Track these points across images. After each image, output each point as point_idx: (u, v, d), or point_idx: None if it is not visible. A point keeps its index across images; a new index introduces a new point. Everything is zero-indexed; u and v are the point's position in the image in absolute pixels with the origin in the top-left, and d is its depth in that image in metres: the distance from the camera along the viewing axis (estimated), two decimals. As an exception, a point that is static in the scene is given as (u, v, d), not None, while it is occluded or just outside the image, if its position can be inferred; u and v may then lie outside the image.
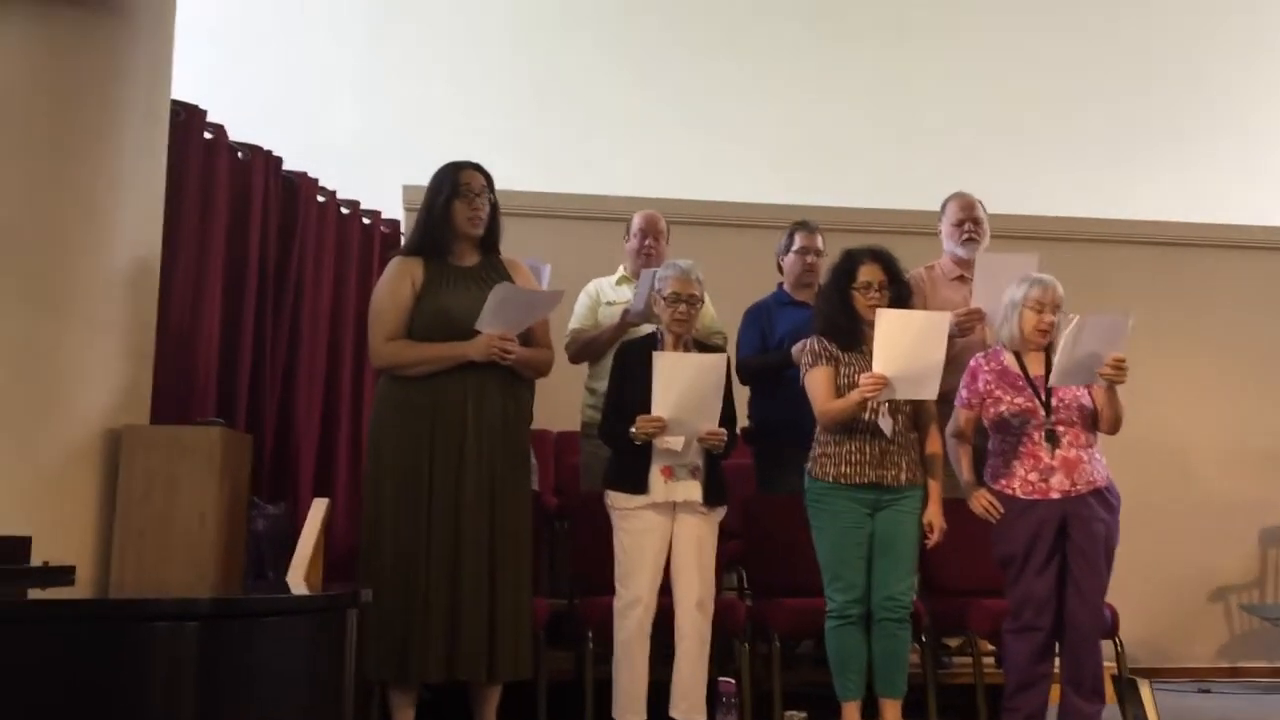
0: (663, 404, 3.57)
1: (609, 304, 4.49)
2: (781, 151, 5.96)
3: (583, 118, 5.95)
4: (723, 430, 3.65)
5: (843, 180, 5.94)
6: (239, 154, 4.51)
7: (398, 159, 5.62)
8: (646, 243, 4.46)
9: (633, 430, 3.62)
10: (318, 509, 3.70)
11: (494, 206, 3.63)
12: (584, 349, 4.43)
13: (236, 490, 3.69)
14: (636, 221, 4.53)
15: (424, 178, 3.71)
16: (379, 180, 5.54)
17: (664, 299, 3.76)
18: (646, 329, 4.08)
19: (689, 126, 5.96)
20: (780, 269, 4.57)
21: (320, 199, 4.94)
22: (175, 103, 4.04)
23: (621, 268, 4.62)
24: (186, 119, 4.20)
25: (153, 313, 3.83)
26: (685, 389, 3.55)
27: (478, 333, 3.47)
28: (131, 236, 3.67)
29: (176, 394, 4.07)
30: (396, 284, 3.56)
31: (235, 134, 4.47)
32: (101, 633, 1.87)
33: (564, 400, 4.72)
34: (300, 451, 4.67)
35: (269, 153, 4.64)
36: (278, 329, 4.66)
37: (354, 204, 5.18)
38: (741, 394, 4.20)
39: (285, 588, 2.88)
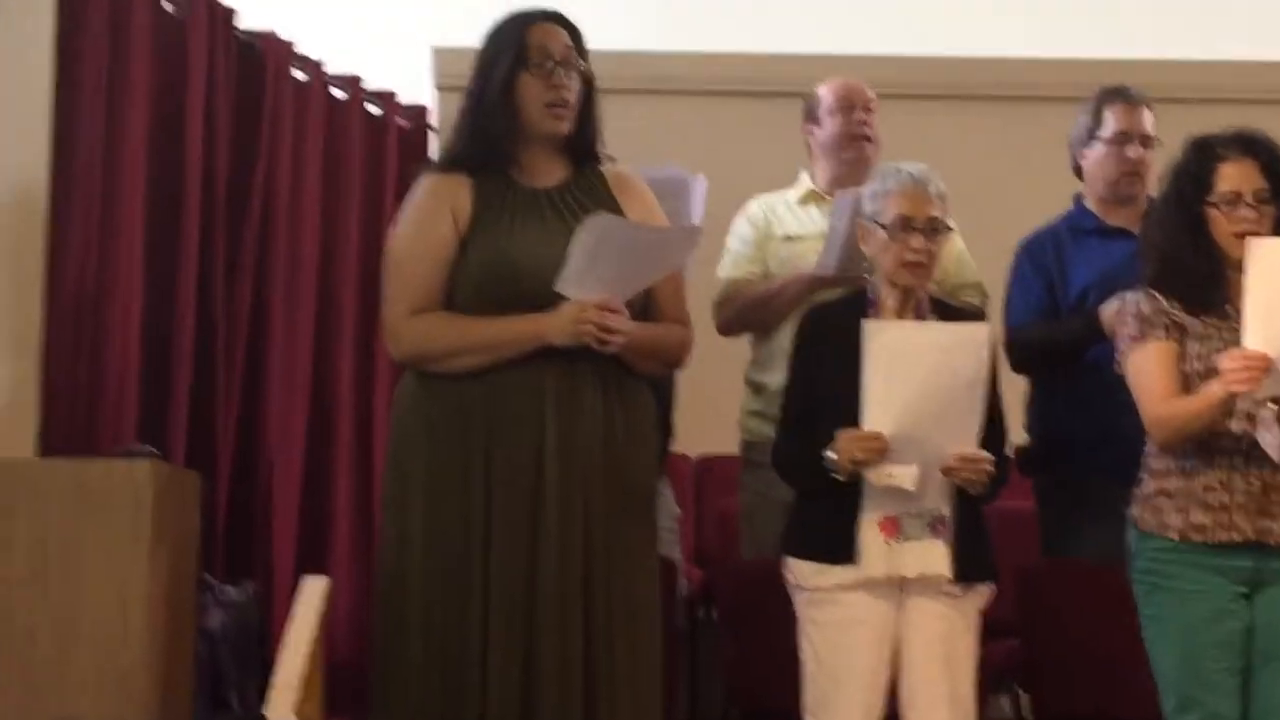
0: (883, 409, 3.63)
1: (787, 238, 4.56)
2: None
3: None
4: (985, 454, 3.68)
5: (1160, 19, 6.24)
6: (168, 4, 4.65)
7: (419, 9, 5.85)
8: (856, 116, 4.54)
9: (831, 454, 3.66)
10: (310, 593, 3.80)
11: (588, 82, 3.69)
12: (744, 316, 4.55)
13: (177, 562, 3.78)
14: (829, 94, 4.60)
15: (465, 37, 3.83)
16: (391, 43, 5.73)
17: (881, 228, 3.80)
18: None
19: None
20: (1078, 170, 4.58)
21: (299, 75, 5.08)
22: None
23: (805, 176, 4.68)
24: None
25: (37, 276, 3.97)
26: (923, 383, 3.63)
27: (561, 299, 3.53)
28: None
29: (77, 407, 4.14)
30: (428, 219, 3.64)
31: None
32: None
33: (709, 404, 4.79)
34: (276, 498, 4.77)
35: (214, 1, 4.76)
36: (234, 295, 4.75)
37: (352, 81, 5.31)
38: (1013, 389, 4.21)
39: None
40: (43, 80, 4.10)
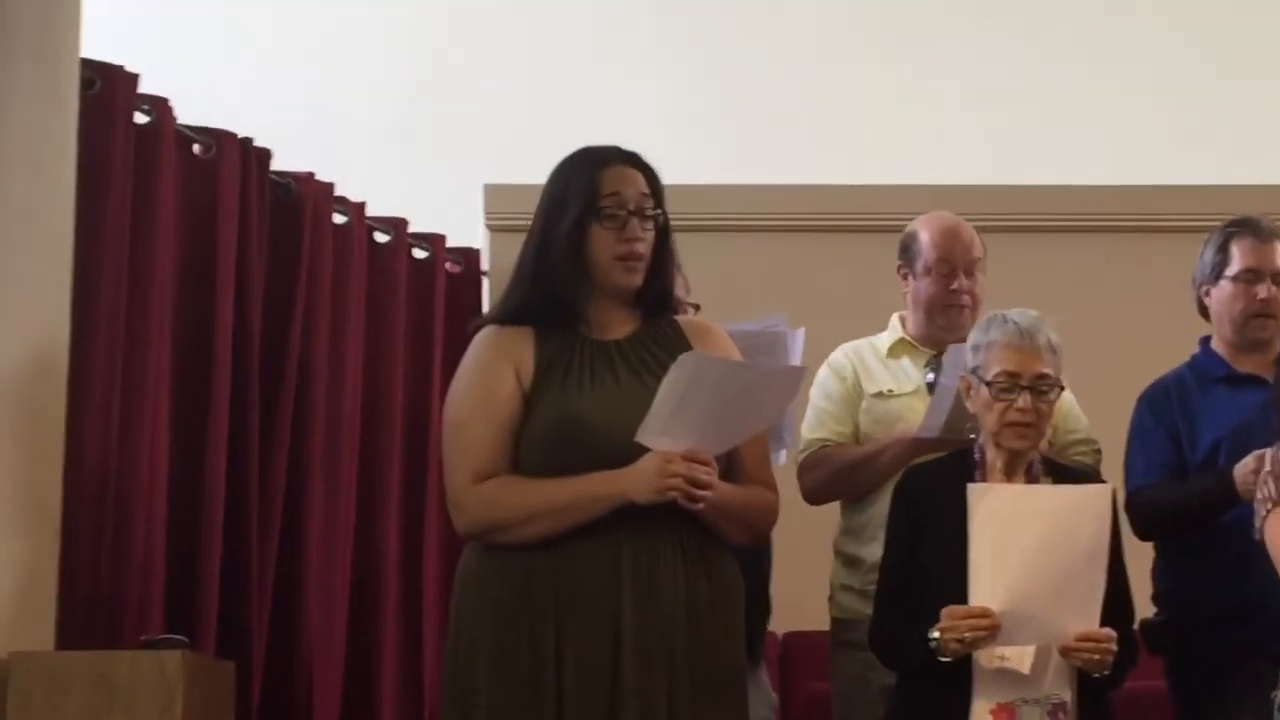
0: (992, 583, 3.58)
1: (879, 394, 4.44)
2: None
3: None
4: (1108, 631, 3.59)
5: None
6: (196, 145, 4.62)
7: (469, 143, 5.88)
8: (955, 284, 4.40)
9: (934, 635, 3.58)
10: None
11: (663, 230, 3.64)
12: (835, 481, 4.42)
13: (213, 766, 3.88)
14: (929, 244, 4.46)
15: (519, 173, 3.87)
16: (439, 180, 5.82)
17: (985, 385, 3.72)
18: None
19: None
20: (1203, 311, 4.42)
21: (339, 218, 5.08)
22: (87, 63, 4.13)
23: (896, 321, 4.56)
24: (105, 89, 4.26)
25: (56, 448, 3.93)
26: (1037, 554, 3.59)
27: (638, 453, 3.44)
28: (17, 307, 3.89)
29: (99, 592, 4.10)
30: (489, 377, 3.59)
31: (191, 114, 4.60)
32: None
33: (793, 576, 4.70)
34: (316, 690, 4.72)
35: (247, 141, 4.74)
36: (268, 464, 4.74)
37: (397, 223, 5.29)
38: (1137, 557, 4.07)
39: None
40: (64, 229, 4.02)
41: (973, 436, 3.82)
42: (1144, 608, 4.14)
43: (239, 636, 4.55)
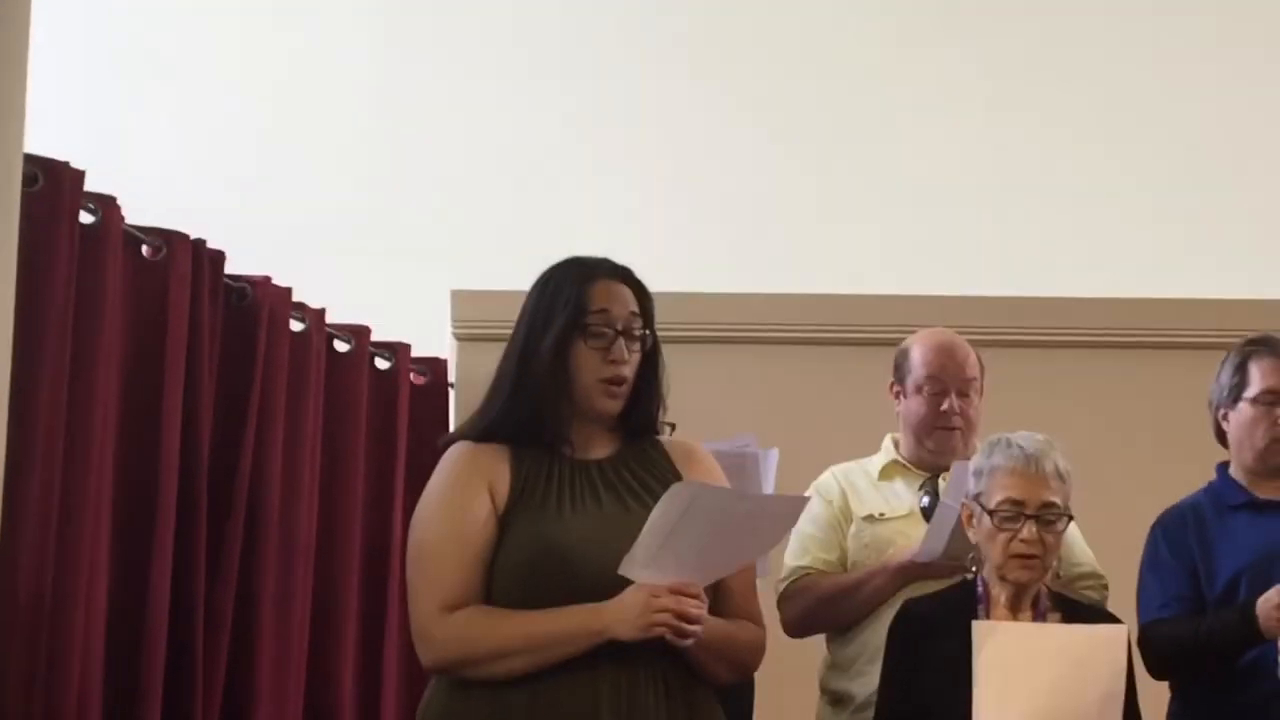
0: None
1: (871, 518, 4.39)
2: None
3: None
4: None
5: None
6: (145, 246, 4.57)
7: (433, 252, 5.93)
8: (946, 405, 4.35)
9: None
10: None
11: (651, 350, 3.61)
12: (819, 612, 4.36)
13: None
14: (920, 361, 4.43)
15: (490, 279, 3.82)
16: (402, 287, 5.78)
17: (989, 515, 3.70)
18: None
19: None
20: (1220, 434, 4.37)
21: (297, 324, 5.02)
22: (30, 158, 4.09)
23: (889, 442, 4.52)
24: (48, 185, 4.20)
25: None
26: (1048, 697, 3.55)
27: (622, 583, 3.37)
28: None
29: None
30: (461, 498, 3.51)
31: (138, 213, 4.55)
32: None
33: (778, 715, 4.70)
34: None
35: (200, 243, 4.68)
36: (214, 602, 4.64)
37: (358, 331, 5.26)
38: (1152, 699, 4.02)
39: None
40: (2, 331, 3.93)
41: (973, 569, 3.79)
42: (1160, 754, 4.13)
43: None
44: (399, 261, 6.00)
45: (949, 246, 6.30)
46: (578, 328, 3.51)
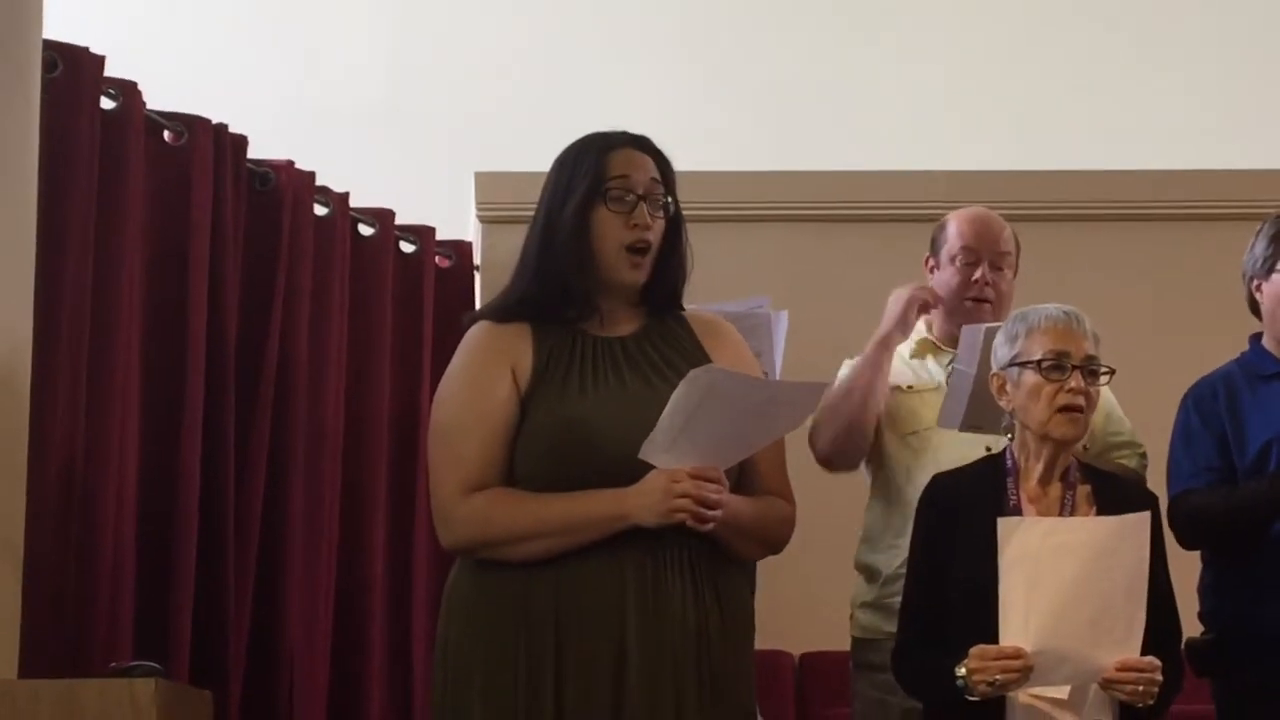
0: (1025, 621, 3.52)
1: (900, 389, 4.42)
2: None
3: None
4: (1151, 660, 3.51)
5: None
6: (166, 132, 4.60)
7: (458, 135, 5.93)
8: (979, 275, 4.36)
9: (961, 673, 3.51)
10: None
11: (674, 219, 3.57)
12: (832, 426, 4.36)
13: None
14: (955, 233, 4.45)
15: (514, 160, 3.84)
16: (427, 170, 5.84)
17: (1034, 367, 3.68)
18: (968, 439, 4.08)
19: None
20: (1253, 305, 4.33)
21: (321, 210, 5.03)
22: (50, 45, 4.12)
23: (923, 324, 4.53)
24: (68, 71, 4.22)
25: (19, 463, 3.90)
26: (1073, 587, 3.53)
27: (644, 469, 3.36)
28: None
29: (65, 617, 4.05)
30: (483, 378, 3.50)
31: (161, 98, 4.58)
32: None
33: (811, 593, 4.79)
34: (298, 717, 4.73)
35: (221, 128, 4.70)
36: (245, 477, 4.67)
37: (382, 214, 5.25)
38: (1184, 570, 4.00)
39: None
40: (26, 223, 4.00)
41: (1009, 435, 3.74)
42: (1190, 624, 4.04)
43: (215, 664, 4.52)
44: (423, 145, 5.99)
45: (981, 120, 6.29)
46: (599, 194, 3.49)
